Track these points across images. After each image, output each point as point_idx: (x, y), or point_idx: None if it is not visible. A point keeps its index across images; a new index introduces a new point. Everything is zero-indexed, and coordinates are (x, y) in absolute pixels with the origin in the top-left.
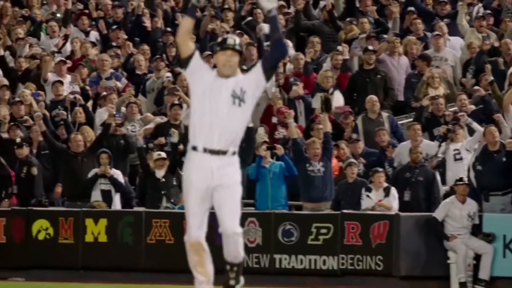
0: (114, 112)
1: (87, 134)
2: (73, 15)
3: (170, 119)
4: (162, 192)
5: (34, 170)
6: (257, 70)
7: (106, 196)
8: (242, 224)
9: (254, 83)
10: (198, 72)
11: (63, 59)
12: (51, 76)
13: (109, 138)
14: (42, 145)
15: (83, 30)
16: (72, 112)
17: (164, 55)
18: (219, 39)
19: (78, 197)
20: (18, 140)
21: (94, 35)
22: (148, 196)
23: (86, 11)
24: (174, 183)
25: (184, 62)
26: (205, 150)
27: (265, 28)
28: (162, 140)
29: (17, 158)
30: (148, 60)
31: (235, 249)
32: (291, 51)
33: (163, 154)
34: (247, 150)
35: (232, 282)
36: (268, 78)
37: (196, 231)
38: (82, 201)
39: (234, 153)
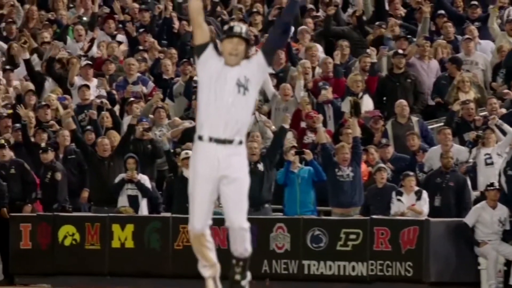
0: (139, 114)
1: (114, 138)
2: (100, 19)
3: None
4: None
5: (58, 176)
6: (259, 56)
7: (133, 202)
8: (270, 229)
9: (257, 70)
10: (209, 61)
11: (90, 62)
12: (78, 80)
13: (136, 143)
14: (69, 149)
15: (109, 34)
16: (99, 116)
17: (191, 59)
18: (226, 27)
19: (104, 202)
20: (43, 144)
21: (120, 39)
22: (175, 196)
23: (113, 14)
24: None
25: (198, 49)
26: (210, 139)
27: None
28: (189, 145)
29: (42, 163)
30: (176, 64)
31: (241, 244)
32: (321, 54)
33: (190, 153)
34: (272, 151)
35: (237, 277)
36: (270, 63)
37: (200, 223)
38: (109, 206)
39: (240, 143)
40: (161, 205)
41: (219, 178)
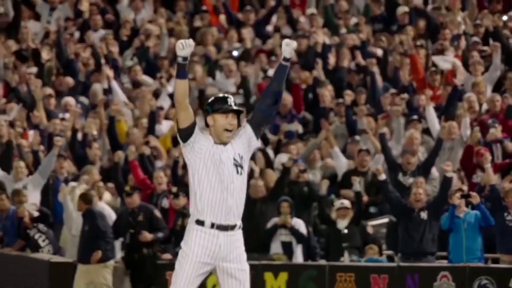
0: (295, 157)
1: (270, 179)
2: (252, 53)
3: (358, 166)
4: (344, 244)
5: (187, 221)
6: (248, 131)
7: (287, 248)
8: (434, 278)
9: (247, 146)
10: (197, 143)
11: (241, 102)
12: None
13: (291, 185)
14: None
15: (261, 69)
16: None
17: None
18: (212, 99)
19: (255, 249)
20: (174, 190)
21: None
22: (330, 249)
23: (263, 48)
24: (358, 235)
25: (184, 133)
26: (213, 226)
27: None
28: (346, 192)
29: (174, 208)
30: (332, 97)
31: None
32: (488, 91)
33: (346, 203)
34: (439, 200)
35: None
36: (258, 137)
37: None
38: (260, 253)
39: (240, 227)
40: (318, 252)
41: (218, 266)
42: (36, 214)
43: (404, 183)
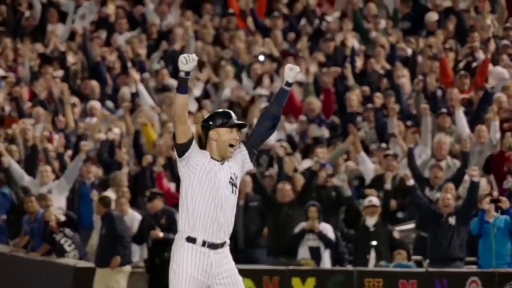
0: (322, 161)
1: (298, 183)
2: (280, 57)
3: (385, 171)
4: (372, 243)
5: None
6: (244, 154)
7: (315, 253)
8: (463, 284)
9: (241, 167)
10: (193, 159)
11: (266, 105)
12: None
13: (319, 190)
14: (250, 196)
15: None
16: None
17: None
18: (213, 114)
19: (283, 253)
20: None
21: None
22: (357, 248)
23: (290, 52)
24: (386, 233)
25: (182, 148)
26: (204, 244)
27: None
28: (372, 192)
29: None
30: (362, 103)
31: None
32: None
33: (374, 201)
34: (467, 206)
35: None
36: (252, 159)
37: None
38: (288, 258)
39: (228, 244)
40: (346, 258)
41: (211, 284)
42: (63, 218)
43: (431, 198)
